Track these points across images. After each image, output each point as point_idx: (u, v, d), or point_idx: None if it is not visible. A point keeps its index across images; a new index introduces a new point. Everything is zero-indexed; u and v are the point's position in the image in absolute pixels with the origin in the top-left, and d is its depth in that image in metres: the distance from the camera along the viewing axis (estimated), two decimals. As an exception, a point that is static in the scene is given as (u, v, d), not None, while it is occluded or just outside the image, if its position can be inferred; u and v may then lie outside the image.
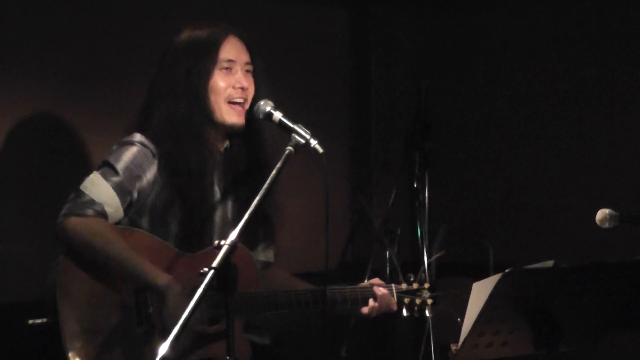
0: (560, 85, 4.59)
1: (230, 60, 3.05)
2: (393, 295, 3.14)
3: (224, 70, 3.04)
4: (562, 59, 4.57)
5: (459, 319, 2.67)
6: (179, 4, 4.17)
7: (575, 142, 4.53)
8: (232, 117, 3.05)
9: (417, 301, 3.17)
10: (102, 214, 2.89)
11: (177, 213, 3.00)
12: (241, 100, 3.05)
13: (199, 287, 2.38)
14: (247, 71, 3.08)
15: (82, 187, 2.91)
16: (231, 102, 3.04)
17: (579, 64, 4.51)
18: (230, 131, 3.10)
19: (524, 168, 4.72)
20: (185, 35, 3.08)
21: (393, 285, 3.18)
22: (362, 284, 3.16)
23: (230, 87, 3.04)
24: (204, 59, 3.02)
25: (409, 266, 3.55)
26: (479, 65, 4.90)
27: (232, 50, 3.06)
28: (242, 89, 3.04)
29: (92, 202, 2.88)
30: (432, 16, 5.09)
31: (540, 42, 4.67)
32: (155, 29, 3.23)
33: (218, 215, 3.10)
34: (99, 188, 2.91)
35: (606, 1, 4.43)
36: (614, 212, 2.94)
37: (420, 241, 4.27)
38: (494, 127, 4.84)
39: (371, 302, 3.11)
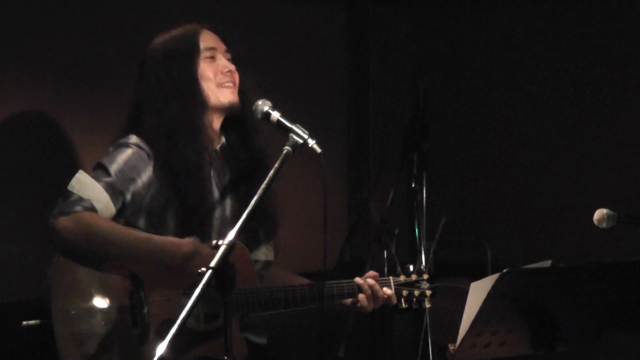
0: (558, 85, 4.59)
1: (211, 48, 3.10)
2: (391, 288, 3.14)
3: (208, 59, 3.09)
4: (561, 59, 4.57)
5: (457, 321, 2.66)
6: (174, 4, 4.17)
7: (573, 142, 4.53)
8: (228, 96, 3.09)
9: (416, 293, 3.16)
10: (91, 210, 2.88)
11: (174, 213, 2.99)
12: (231, 84, 3.10)
13: (196, 286, 2.37)
14: (228, 59, 3.13)
15: (69, 187, 2.91)
16: (222, 86, 3.08)
17: (578, 63, 4.51)
18: (227, 114, 3.12)
19: (522, 168, 4.72)
20: (160, 38, 3.12)
21: (391, 277, 3.17)
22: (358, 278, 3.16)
23: (219, 73, 3.08)
24: (187, 52, 3.06)
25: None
26: (477, 65, 4.90)
27: (211, 40, 3.12)
28: (230, 72, 3.09)
29: (79, 200, 2.88)
30: (431, 16, 5.08)
31: (538, 42, 4.66)
32: (151, 29, 3.23)
33: (216, 214, 3.09)
34: (86, 186, 2.90)
35: (606, 1, 4.43)
36: (611, 212, 2.94)
37: (418, 241, 4.27)
38: (492, 127, 4.84)
39: (360, 296, 3.10)
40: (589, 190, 4.39)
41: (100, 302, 2.86)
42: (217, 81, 3.07)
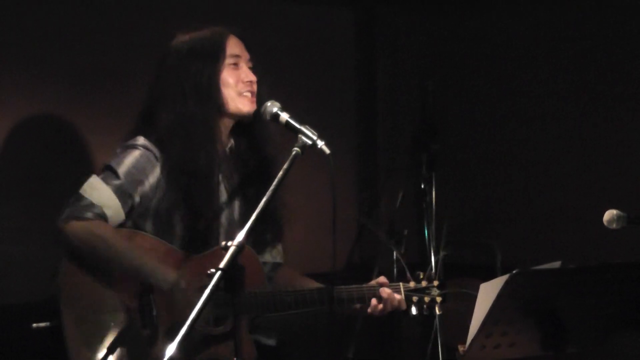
0: (567, 86, 4.58)
1: (236, 56, 3.08)
2: (401, 294, 3.13)
3: (231, 66, 3.07)
4: (569, 59, 4.56)
5: (466, 322, 2.66)
6: (182, 5, 4.18)
7: (583, 142, 4.52)
8: (246, 106, 3.07)
9: (426, 299, 3.15)
10: (102, 217, 2.89)
11: (181, 215, 2.99)
12: (249, 94, 3.08)
13: (205, 287, 2.37)
14: (250, 67, 3.11)
15: (81, 191, 2.91)
16: (241, 95, 3.07)
17: (587, 64, 4.50)
18: (239, 120, 3.11)
19: (531, 169, 4.72)
20: (186, 37, 3.09)
21: (401, 283, 3.16)
22: (368, 283, 3.16)
23: (240, 82, 3.07)
24: (213, 55, 3.04)
25: (416, 267, 3.53)
26: (484, 65, 4.90)
27: (236, 47, 3.10)
28: (251, 82, 3.07)
29: (91, 205, 2.88)
30: (438, 16, 5.08)
31: (546, 42, 4.66)
32: (158, 30, 3.24)
33: (224, 216, 3.09)
34: (98, 191, 2.91)
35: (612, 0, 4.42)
36: (621, 213, 2.93)
37: (427, 242, 4.26)
38: (501, 127, 4.83)
39: (373, 301, 3.09)
40: (598, 191, 4.38)
41: (110, 304, 2.87)
42: (238, 90, 3.06)
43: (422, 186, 4.40)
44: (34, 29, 3.86)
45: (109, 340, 2.85)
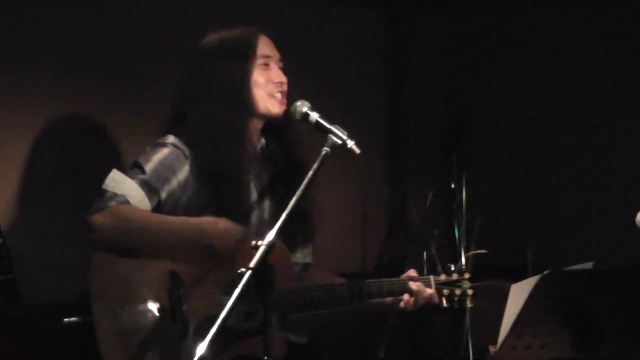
0: (599, 87, 4.55)
1: (267, 56, 3.09)
2: (431, 287, 3.13)
3: (262, 66, 3.08)
4: (603, 60, 4.53)
5: (498, 322, 2.65)
6: (213, 6, 4.19)
7: (615, 142, 4.49)
8: (276, 107, 3.08)
9: (457, 292, 3.15)
10: (126, 204, 2.90)
11: (211, 214, 2.99)
12: (280, 95, 3.08)
13: (235, 285, 2.38)
14: (280, 67, 3.12)
15: (103, 186, 2.94)
16: (272, 96, 3.07)
17: (620, 64, 4.46)
18: (268, 121, 3.11)
19: (562, 169, 4.69)
20: (215, 37, 3.11)
21: (431, 276, 3.16)
22: (398, 277, 3.15)
23: (270, 83, 3.07)
24: (244, 55, 3.06)
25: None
26: (516, 65, 4.87)
27: (267, 47, 3.11)
28: (282, 82, 3.08)
29: (114, 196, 2.90)
30: (469, 16, 5.06)
31: (580, 43, 4.62)
32: (189, 30, 3.25)
33: (254, 216, 3.10)
34: (120, 183, 2.92)
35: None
36: (654, 214, 2.91)
37: (457, 242, 4.25)
38: (532, 128, 4.81)
39: (406, 296, 3.09)
40: (631, 191, 4.34)
41: (140, 299, 2.88)
42: (268, 90, 3.07)
43: (452, 186, 4.39)
44: (64, 30, 3.89)
45: (139, 334, 2.86)
